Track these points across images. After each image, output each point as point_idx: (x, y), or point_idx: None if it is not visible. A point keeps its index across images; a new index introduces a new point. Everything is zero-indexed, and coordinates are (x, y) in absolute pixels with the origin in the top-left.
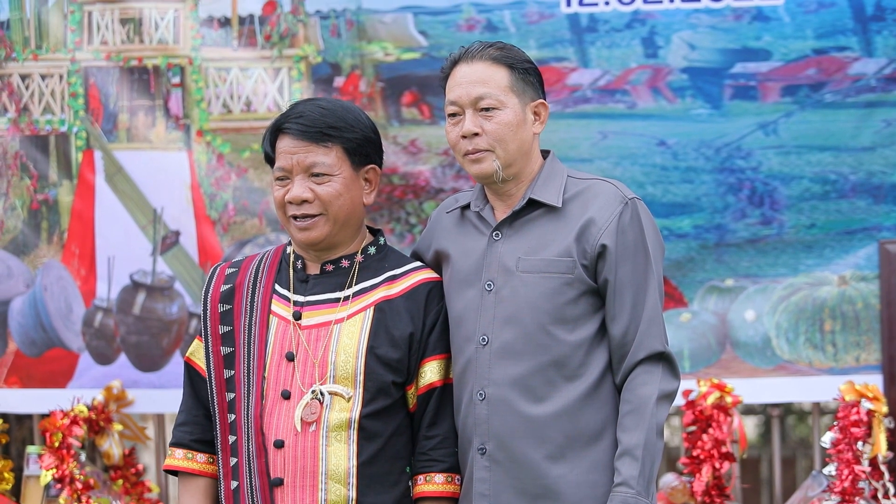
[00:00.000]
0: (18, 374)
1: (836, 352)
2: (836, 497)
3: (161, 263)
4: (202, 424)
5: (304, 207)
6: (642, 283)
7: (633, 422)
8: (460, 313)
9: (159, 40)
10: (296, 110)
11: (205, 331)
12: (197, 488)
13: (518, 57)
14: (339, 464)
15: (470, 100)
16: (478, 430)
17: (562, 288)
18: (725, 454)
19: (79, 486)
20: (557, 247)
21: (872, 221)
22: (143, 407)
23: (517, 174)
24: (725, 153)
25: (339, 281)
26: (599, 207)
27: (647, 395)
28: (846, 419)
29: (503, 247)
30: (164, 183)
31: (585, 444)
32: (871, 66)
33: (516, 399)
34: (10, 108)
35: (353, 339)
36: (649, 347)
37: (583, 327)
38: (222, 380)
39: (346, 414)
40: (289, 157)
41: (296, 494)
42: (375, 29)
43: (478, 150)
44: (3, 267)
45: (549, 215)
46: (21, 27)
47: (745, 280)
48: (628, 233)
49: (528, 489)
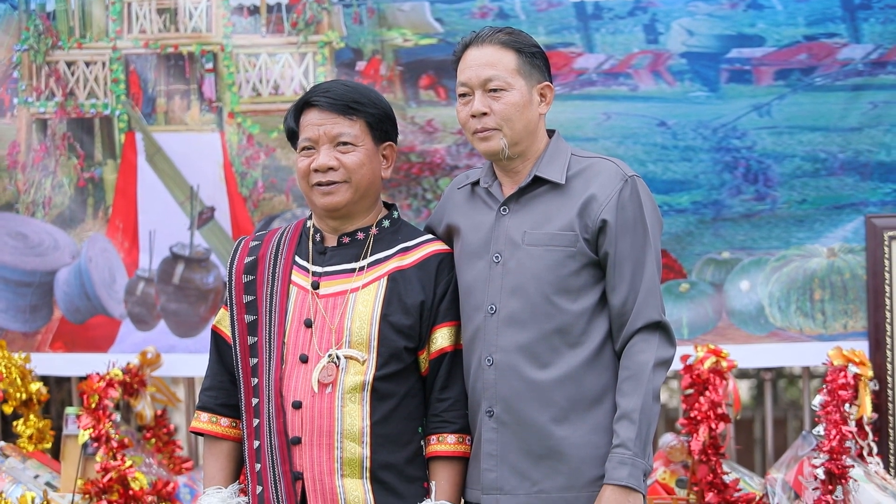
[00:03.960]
0: (63, 339)
1: (825, 319)
2: (824, 455)
3: (198, 237)
4: (227, 389)
5: (329, 174)
6: (641, 256)
7: (631, 387)
8: (470, 284)
9: (193, 29)
10: (322, 87)
11: (231, 300)
12: (220, 450)
13: (525, 41)
14: (354, 423)
15: (479, 81)
16: (486, 393)
17: (565, 260)
18: (721, 415)
19: (114, 444)
20: (561, 221)
21: (859, 197)
22: (179, 371)
23: (523, 152)
24: (722, 133)
25: (354, 252)
26: (601, 184)
27: (645, 361)
28: (834, 383)
29: (510, 221)
30: (199, 162)
31: (587, 407)
32: (859, 51)
33: (522, 365)
34: (58, 93)
35: (367, 307)
36: (647, 317)
37: (584, 297)
38: (246, 346)
39: (360, 377)
40: (316, 128)
41: (313, 452)
42: (395, 16)
43: (486, 128)
44: (50, 240)
45: (554, 192)
46: (66, 17)
47: (740, 252)
48: (628, 208)
49: (533, 450)
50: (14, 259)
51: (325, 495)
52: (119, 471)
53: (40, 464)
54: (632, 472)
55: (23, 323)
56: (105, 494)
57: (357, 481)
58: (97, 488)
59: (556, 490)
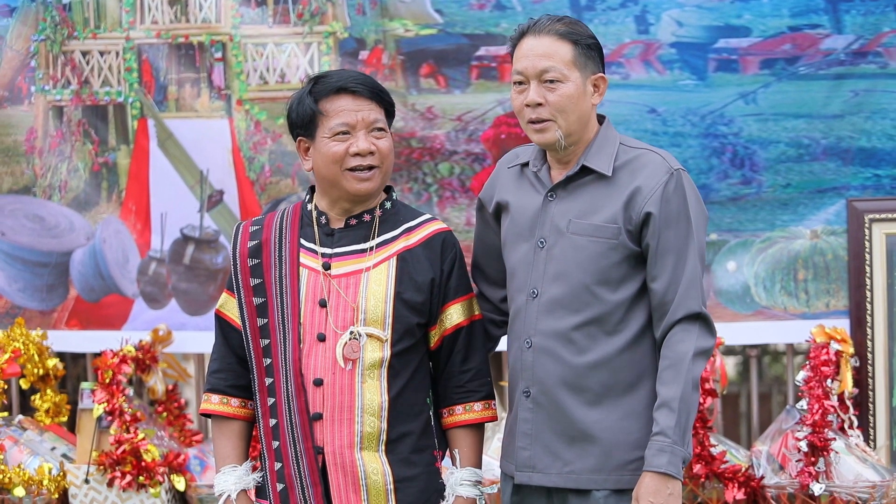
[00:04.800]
0: (78, 317)
1: (808, 298)
2: (807, 429)
3: (207, 219)
4: (235, 371)
5: (368, 159)
6: (683, 248)
7: (671, 376)
8: (514, 265)
9: (203, 20)
10: (347, 74)
11: (236, 284)
12: (232, 430)
13: (583, 33)
14: (374, 399)
15: (535, 72)
16: (524, 374)
17: (607, 252)
18: (709, 390)
19: (127, 418)
20: (606, 213)
21: (841, 181)
22: (189, 347)
23: (576, 142)
24: (710, 120)
25: (362, 233)
26: (647, 176)
27: (685, 351)
28: (817, 359)
29: (556, 208)
30: (209, 147)
31: (621, 393)
32: (841, 41)
33: (559, 350)
34: (73, 81)
35: (381, 286)
36: (687, 308)
37: (624, 288)
38: (256, 327)
39: (378, 353)
40: (353, 113)
41: (334, 427)
42: (396, 7)
43: (541, 119)
44: (66, 222)
45: (600, 182)
46: (81, 9)
47: (727, 234)
48: (672, 201)
49: (566, 431)
50: (31, 240)
51: (346, 468)
52: (132, 443)
53: (57, 436)
54: (671, 459)
55: (40, 301)
56: (119, 466)
57: (374, 454)
58: (111, 460)
59: (587, 472)
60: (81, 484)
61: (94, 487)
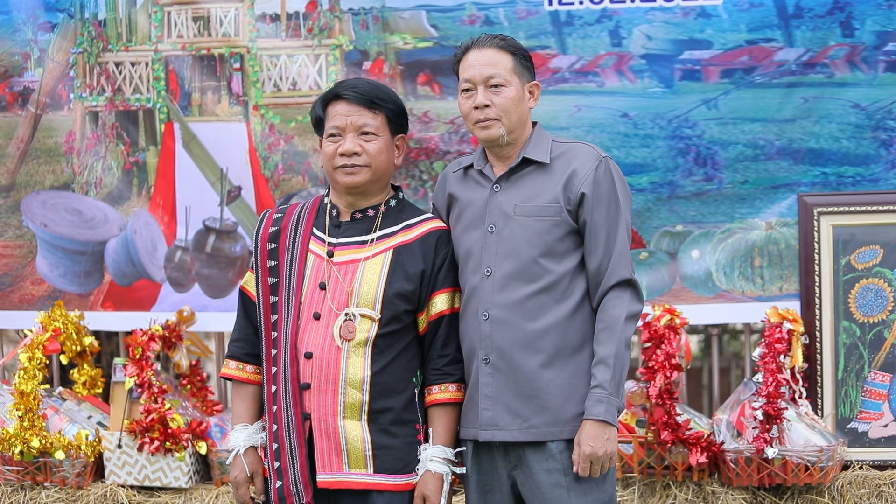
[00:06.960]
0: (112, 300)
1: (763, 283)
2: (762, 399)
3: (227, 212)
4: (251, 341)
5: (353, 159)
6: (613, 224)
7: (607, 336)
8: (468, 250)
9: (223, 34)
10: (350, 82)
11: (256, 264)
12: (246, 393)
13: (518, 46)
14: (357, 373)
15: (482, 78)
16: (482, 344)
17: (551, 228)
18: (674, 365)
19: (155, 390)
20: (547, 195)
21: (793, 178)
22: (211, 327)
23: (515, 140)
24: (676, 123)
25: (365, 227)
26: (580, 163)
27: (618, 314)
28: (771, 337)
29: (502, 196)
30: (228, 148)
31: (569, 354)
32: (792, 54)
33: (515, 318)
34: (107, 89)
35: (374, 275)
36: (619, 275)
37: (568, 259)
38: (268, 304)
39: (364, 334)
40: (343, 118)
41: (320, 397)
42: (396, 23)
43: (487, 118)
44: (101, 215)
45: (539, 171)
46: (115, 25)
47: (691, 225)
48: (602, 183)
49: (523, 391)
50: (70, 231)
51: (329, 433)
52: (159, 412)
53: (93, 406)
54: (608, 408)
55: (78, 286)
56: (148, 432)
57: (356, 423)
58: (141, 427)
59: (544, 425)
60: (115, 448)
61: (125, 452)
